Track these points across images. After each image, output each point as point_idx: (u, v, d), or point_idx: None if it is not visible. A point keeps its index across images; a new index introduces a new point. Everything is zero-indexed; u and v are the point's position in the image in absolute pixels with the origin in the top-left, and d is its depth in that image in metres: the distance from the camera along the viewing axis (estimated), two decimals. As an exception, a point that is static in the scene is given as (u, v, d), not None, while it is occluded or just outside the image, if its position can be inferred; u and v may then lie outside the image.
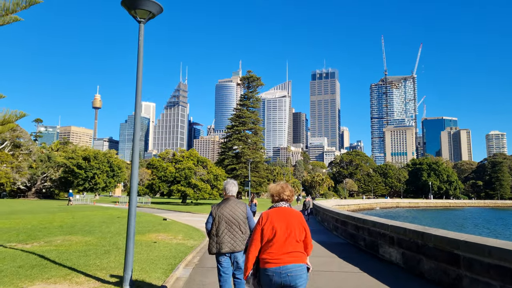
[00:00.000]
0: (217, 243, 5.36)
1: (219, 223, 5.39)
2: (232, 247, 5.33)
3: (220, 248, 5.32)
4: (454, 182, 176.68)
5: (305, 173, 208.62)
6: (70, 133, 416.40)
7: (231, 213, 5.44)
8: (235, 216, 5.44)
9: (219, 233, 5.36)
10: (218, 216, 5.42)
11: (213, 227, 5.44)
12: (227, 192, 5.67)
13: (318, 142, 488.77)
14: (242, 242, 5.39)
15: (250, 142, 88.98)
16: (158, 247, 10.99)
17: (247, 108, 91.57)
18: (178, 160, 56.88)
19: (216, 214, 5.44)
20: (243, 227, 5.46)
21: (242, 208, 5.55)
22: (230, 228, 5.38)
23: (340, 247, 13.39)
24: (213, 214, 5.47)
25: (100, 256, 9.20)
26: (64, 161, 63.30)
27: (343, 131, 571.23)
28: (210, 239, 5.47)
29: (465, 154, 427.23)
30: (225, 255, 5.39)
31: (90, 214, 23.21)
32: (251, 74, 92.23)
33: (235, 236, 5.37)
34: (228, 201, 5.57)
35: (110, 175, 68.49)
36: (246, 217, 5.55)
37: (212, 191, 52.33)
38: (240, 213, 5.50)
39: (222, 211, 5.45)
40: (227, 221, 5.39)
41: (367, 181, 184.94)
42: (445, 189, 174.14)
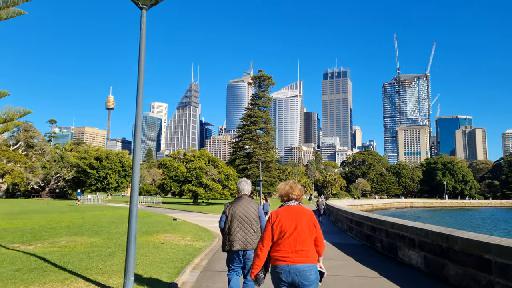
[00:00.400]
0: (229, 241, 5.44)
1: (231, 221, 5.46)
2: (243, 245, 5.38)
3: (232, 245, 5.39)
4: (469, 181, 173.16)
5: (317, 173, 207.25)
6: (84, 133, 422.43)
7: (243, 211, 5.50)
8: (248, 214, 5.51)
9: (232, 231, 5.44)
10: (230, 214, 5.50)
11: (226, 225, 5.52)
12: (241, 191, 5.74)
13: (330, 142, 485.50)
14: (254, 241, 5.42)
15: (261, 141, 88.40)
16: (165, 248, 10.55)
17: (258, 107, 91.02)
18: (189, 160, 56.69)
19: (229, 212, 5.52)
20: (255, 226, 5.52)
21: (254, 207, 5.61)
22: (242, 226, 5.44)
23: (356, 249, 12.76)
24: (226, 212, 5.56)
25: (103, 258, 8.79)
26: (76, 161, 63.77)
27: (355, 131, 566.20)
28: (223, 237, 5.57)
29: (480, 154, 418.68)
30: (237, 252, 5.44)
31: (100, 214, 23.01)
32: (262, 73, 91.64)
33: (247, 234, 5.42)
34: (241, 200, 5.64)
35: (122, 175, 68.77)
36: (258, 216, 5.60)
37: (223, 191, 51.96)
38: (253, 212, 5.55)
39: (235, 209, 5.52)
40: (239, 219, 5.46)
41: (380, 181, 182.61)
42: (460, 189, 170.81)
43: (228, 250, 5.48)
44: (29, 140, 62.82)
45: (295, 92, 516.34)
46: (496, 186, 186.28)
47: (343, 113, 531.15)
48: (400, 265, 9.75)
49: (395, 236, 10.80)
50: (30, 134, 62.32)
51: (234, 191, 53.91)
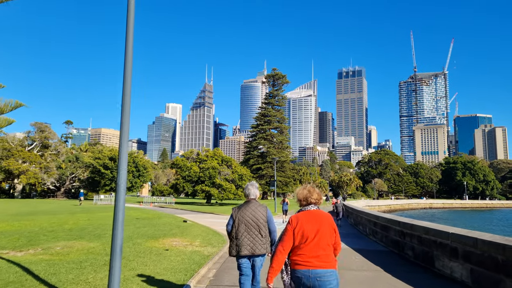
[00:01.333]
0: (236, 246, 5.34)
1: (238, 226, 5.37)
2: (251, 250, 5.27)
3: (239, 250, 5.28)
4: (491, 182, 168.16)
5: (332, 173, 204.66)
6: (100, 134, 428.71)
7: (251, 216, 5.40)
8: (255, 219, 5.38)
9: (239, 235, 5.34)
10: (238, 218, 5.40)
11: (233, 229, 5.42)
12: (248, 195, 5.62)
13: (345, 142, 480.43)
14: (262, 246, 5.31)
15: (275, 141, 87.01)
16: (169, 256, 9.43)
17: (272, 106, 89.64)
18: (202, 160, 55.85)
19: (236, 217, 5.42)
20: (263, 230, 5.39)
21: (262, 211, 5.47)
22: (249, 231, 5.34)
23: (383, 257, 11.39)
24: (233, 216, 5.46)
25: (96, 268, 7.71)
26: (91, 161, 63.67)
27: (371, 130, 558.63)
28: (230, 241, 5.46)
29: (500, 153, 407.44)
30: (245, 257, 5.34)
31: (108, 215, 22.16)
32: (276, 72, 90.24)
33: (254, 239, 5.31)
34: (249, 204, 5.52)
35: (135, 175, 68.40)
36: (266, 221, 5.46)
37: (237, 191, 50.88)
38: (261, 217, 5.42)
39: (243, 213, 5.41)
40: (247, 224, 5.35)
41: (398, 181, 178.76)
42: (481, 189, 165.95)
43: (236, 255, 5.39)
44: (44, 141, 63.07)
45: (309, 91, 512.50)
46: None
47: (358, 113, 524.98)
48: (438, 278, 8.38)
49: (430, 244, 9.41)
50: (45, 134, 62.53)
51: (248, 192, 52.77)
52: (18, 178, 56.85)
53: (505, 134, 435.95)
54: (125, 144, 5.12)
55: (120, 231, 4.80)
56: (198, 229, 16.39)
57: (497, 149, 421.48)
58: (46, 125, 64.27)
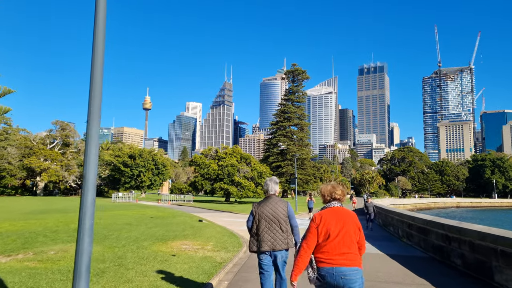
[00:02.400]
0: (257, 241, 5.30)
1: (259, 221, 5.32)
2: (272, 246, 5.21)
3: (260, 246, 5.26)
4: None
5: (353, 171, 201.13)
6: (123, 133, 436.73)
7: (271, 211, 5.33)
8: (276, 214, 5.32)
9: (259, 231, 5.29)
10: (258, 214, 5.35)
11: (254, 225, 5.39)
12: (268, 190, 5.54)
13: (366, 139, 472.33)
14: (283, 241, 5.24)
15: (295, 138, 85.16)
16: (175, 263, 8.15)
17: (292, 103, 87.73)
18: (221, 157, 54.83)
19: (256, 212, 5.38)
20: (284, 226, 5.30)
21: (283, 206, 5.41)
22: (270, 227, 5.27)
23: (425, 266, 9.77)
24: (253, 212, 5.43)
25: (86, 279, 6.47)
26: (111, 159, 63.80)
27: (393, 127, 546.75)
28: (251, 237, 5.44)
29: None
30: (265, 253, 5.27)
31: (121, 214, 21.25)
32: (296, 68, 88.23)
33: (275, 234, 5.24)
34: (269, 200, 5.45)
35: (155, 173, 68.21)
36: (287, 216, 5.38)
37: (256, 189, 49.58)
38: (281, 212, 5.34)
39: (263, 209, 5.37)
40: (267, 220, 5.30)
41: (422, 179, 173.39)
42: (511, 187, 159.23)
43: (256, 251, 5.35)
44: (65, 139, 63.60)
45: (329, 89, 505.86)
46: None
47: (379, 110, 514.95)
48: (502, 296, 6.76)
49: (487, 252, 7.77)
50: (66, 132, 63.06)
51: (268, 190, 51.43)
52: (40, 176, 57.49)
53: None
54: (94, 121, 3.80)
55: (87, 244, 3.49)
56: (213, 230, 15.12)
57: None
58: (67, 123, 64.90)
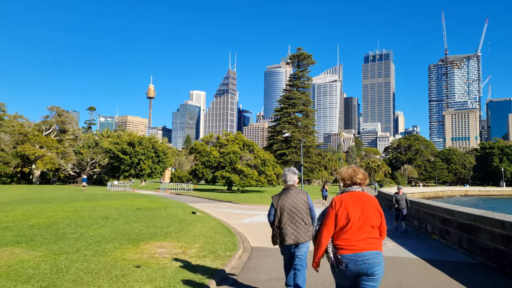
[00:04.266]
0: (280, 235, 5.19)
1: (281, 214, 5.19)
2: (296, 239, 5.11)
3: (284, 240, 5.13)
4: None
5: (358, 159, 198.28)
6: (126, 122, 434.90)
7: (292, 203, 5.21)
8: (297, 206, 5.21)
9: (282, 224, 5.17)
10: (279, 207, 5.21)
11: (276, 219, 5.24)
12: (288, 181, 5.37)
13: (371, 128, 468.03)
14: (306, 233, 5.15)
15: (300, 125, 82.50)
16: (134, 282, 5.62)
17: (297, 88, 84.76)
18: (223, 144, 52.33)
19: (277, 205, 5.24)
20: (306, 218, 5.21)
21: (303, 197, 5.28)
22: (292, 219, 5.16)
23: (479, 277, 7.24)
24: (274, 205, 5.28)
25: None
26: (109, 146, 61.51)
27: (398, 116, 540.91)
28: (273, 231, 5.32)
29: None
30: (289, 246, 5.19)
31: (105, 205, 18.87)
32: (301, 52, 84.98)
33: (298, 227, 5.14)
34: (289, 191, 5.30)
35: (155, 161, 65.91)
36: (308, 207, 5.27)
37: (259, 178, 47.13)
38: (302, 203, 5.24)
39: (284, 201, 5.22)
40: (289, 212, 5.18)
41: (429, 168, 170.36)
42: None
43: (280, 244, 5.24)
44: (61, 125, 61.18)
45: (334, 77, 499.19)
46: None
47: (385, 98, 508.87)
48: None
49: None
50: (62, 119, 60.65)
51: (271, 178, 49.06)
52: (35, 164, 55.33)
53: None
54: None
55: None
56: (206, 225, 12.64)
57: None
58: (64, 109, 62.35)
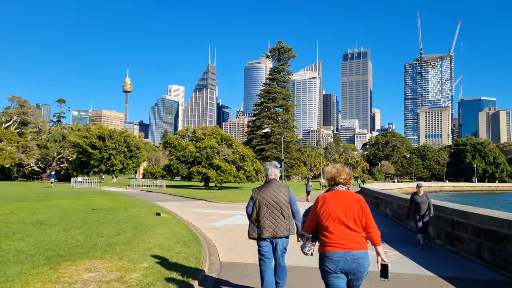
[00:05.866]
0: (257, 228, 5.13)
1: (259, 207, 5.13)
2: (273, 232, 5.04)
3: (261, 233, 5.07)
4: (501, 164, 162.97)
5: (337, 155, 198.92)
6: (101, 116, 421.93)
7: (272, 197, 5.13)
8: (277, 200, 5.13)
9: (260, 217, 5.11)
10: (258, 200, 5.15)
11: (254, 211, 5.18)
12: (269, 175, 5.32)
13: (349, 125, 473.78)
14: (284, 228, 5.08)
15: (280, 120, 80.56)
16: None
17: (277, 82, 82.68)
18: (200, 138, 49.70)
19: (256, 198, 5.17)
20: (286, 212, 5.13)
21: (284, 192, 5.21)
22: (271, 213, 5.09)
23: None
24: (253, 197, 5.21)
25: None
26: (77, 140, 57.62)
27: (375, 113, 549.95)
28: (251, 223, 5.25)
29: (504, 136, 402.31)
30: (266, 240, 5.09)
31: (53, 205, 16.14)
32: (281, 45, 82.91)
33: (276, 221, 5.07)
34: (270, 185, 5.24)
35: (128, 155, 62.39)
36: (288, 201, 5.19)
37: (237, 173, 44.83)
38: (282, 197, 5.16)
39: (263, 194, 5.16)
40: (268, 205, 5.11)
41: (405, 164, 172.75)
42: (491, 171, 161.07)
43: (257, 238, 5.13)
44: (22, 117, 56.76)
45: (314, 73, 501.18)
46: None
47: (362, 95, 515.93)
48: None
49: None
50: (24, 110, 56.28)
51: (250, 174, 46.88)
52: (-8, 158, 50.86)
53: (509, 117, 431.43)
54: None
55: None
56: (168, 231, 10.28)
57: (500, 132, 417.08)
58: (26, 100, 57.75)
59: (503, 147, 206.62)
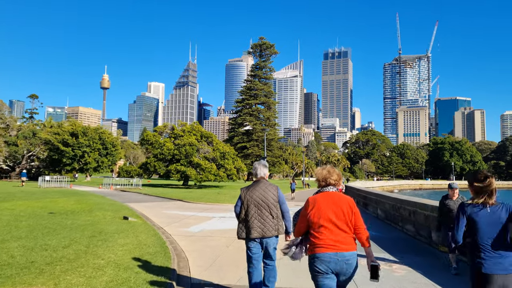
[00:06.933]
0: (246, 228, 4.98)
1: (248, 207, 5.00)
2: (262, 232, 4.90)
3: (249, 233, 4.93)
4: (478, 162, 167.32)
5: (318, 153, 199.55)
6: (78, 113, 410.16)
7: (261, 196, 5.01)
8: (266, 200, 5.00)
9: (248, 217, 4.97)
10: (247, 199, 5.03)
11: (242, 211, 5.05)
12: (258, 174, 5.23)
13: (330, 123, 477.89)
14: (273, 227, 4.96)
15: (262, 117, 79.19)
16: None
17: (259, 79, 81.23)
18: (178, 135, 47.72)
19: (245, 198, 5.05)
20: (274, 211, 5.00)
21: (273, 191, 5.08)
22: (260, 213, 4.95)
23: None
24: (242, 197, 5.10)
25: None
26: (48, 137, 54.59)
27: (355, 112, 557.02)
28: (239, 223, 5.13)
29: (478, 135, 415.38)
30: (255, 240, 4.96)
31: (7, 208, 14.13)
32: (263, 41, 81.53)
33: (265, 220, 4.95)
34: (258, 184, 5.12)
35: (102, 153, 59.68)
36: (277, 201, 5.07)
37: (218, 172, 43.16)
38: (271, 197, 5.03)
39: (252, 194, 5.03)
40: (257, 205, 4.98)
41: (385, 162, 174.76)
42: (468, 169, 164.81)
43: (245, 238, 4.99)
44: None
45: (295, 72, 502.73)
46: (502, 167, 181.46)
47: (343, 94, 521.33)
48: None
49: None
50: (-11, 104, 52.90)
51: (231, 172, 45.29)
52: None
53: (483, 116, 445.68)
54: None
55: None
56: (132, 240, 8.62)
57: (475, 131, 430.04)
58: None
59: (479, 145, 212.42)
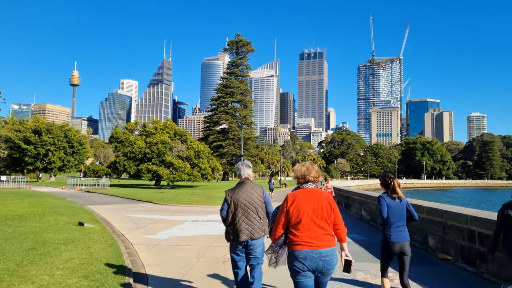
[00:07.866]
0: (233, 231, 4.80)
1: (235, 209, 4.82)
2: (250, 235, 4.75)
3: (238, 236, 4.75)
4: (447, 162, 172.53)
5: (294, 153, 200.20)
6: (45, 111, 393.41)
7: (247, 198, 4.84)
8: (252, 201, 4.84)
9: (236, 220, 4.80)
10: (233, 202, 4.83)
11: (229, 214, 4.84)
12: (242, 175, 5.03)
13: (305, 123, 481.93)
14: (261, 229, 4.83)
15: (238, 116, 77.63)
16: None
17: (235, 77, 79.61)
18: (150, 133, 45.55)
19: (231, 200, 4.85)
20: (261, 212, 4.87)
21: (259, 192, 4.94)
22: (247, 215, 4.80)
23: None
24: (227, 200, 4.88)
25: None
26: (8, 134, 50.95)
27: (330, 112, 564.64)
28: (227, 227, 4.94)
29: (447, 135, 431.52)
30: (242, 243, 4.80)
31: None
32: (240, 38, 79.96)
33: (252, 222, 4.79)
34: (244, 185, 4.95)
35: (68, 152, 56.39)
36: (263, 202, 4.93)
37: (192, 171, 41.39)
38: (257, 198, 4.89)
39: (238, 196, 4.84)
40: (243, 207, 4.81)
41: (360, 161, 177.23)
42: (439, 169, 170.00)
43: (233, 241, 4.81)
44: None
45: (271, 72, 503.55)
46: (470, 167, 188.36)
47: (318, 94, 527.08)
48: None
49: None
50: None
51: (206, 172, 43.58)
52: None
53: (451, 118, 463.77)
54: None
55: None
56: (80, 254, 7.00)
57: (444, 131, 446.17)
58: None
59: (448, 146, 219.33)
